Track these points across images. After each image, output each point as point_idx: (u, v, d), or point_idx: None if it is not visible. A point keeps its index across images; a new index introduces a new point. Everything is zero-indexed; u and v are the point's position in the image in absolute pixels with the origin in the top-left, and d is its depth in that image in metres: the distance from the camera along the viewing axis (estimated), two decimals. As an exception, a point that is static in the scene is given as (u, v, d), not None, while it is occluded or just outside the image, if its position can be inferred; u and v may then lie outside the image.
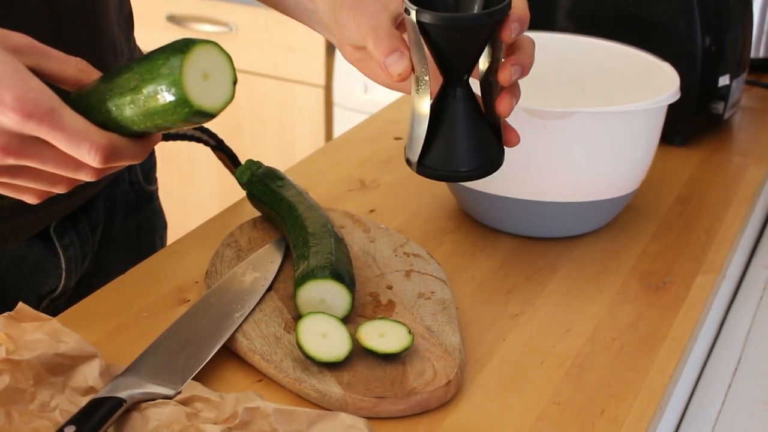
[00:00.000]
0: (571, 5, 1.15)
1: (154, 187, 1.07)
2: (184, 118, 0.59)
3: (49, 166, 0.61)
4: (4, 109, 0.58)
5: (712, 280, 0.86)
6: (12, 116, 0.58)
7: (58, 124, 0.59)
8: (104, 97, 0.61)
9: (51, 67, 0.62)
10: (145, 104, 0.59)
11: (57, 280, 0.91)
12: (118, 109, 0.60)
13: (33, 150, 0.60)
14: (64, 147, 0.60)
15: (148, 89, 0.58)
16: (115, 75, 0.61)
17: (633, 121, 0.88)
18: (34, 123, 0.58)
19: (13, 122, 0.58)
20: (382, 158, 1.07)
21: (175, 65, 0.57)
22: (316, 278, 0.74)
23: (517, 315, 0.80)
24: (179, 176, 2.41)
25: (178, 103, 0.58)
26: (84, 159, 0.60)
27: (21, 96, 0.58)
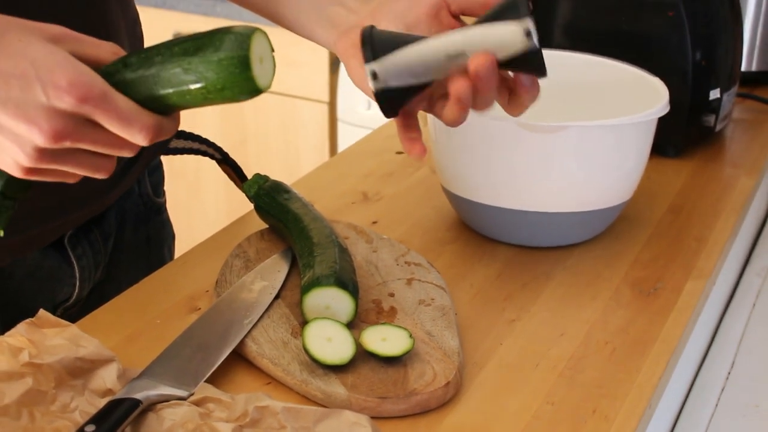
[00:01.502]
0: (567, 22, 1.18)
1: (162, 200, 1.11)
2: (240, 95, 0.65)
3: (99, 148, 0.65)
4: (61, 93, 0.61)
5: (701, 286, 0.89)
6: (68, 100, 0.61)
7: (110, 105, 0.63)
8: (156, 79, 0.65)
9: (87, 52, 0.65)
10: (205, 83, 0.64)
11: (71, 289, 0.95)
12: (173, 89, 0.65)
13: (86, 132, 0.63)
14: (115, 128, 0.64)
15: (212, 69, 0.63)
16: (163, 55, 0.65)
17: (624, 134, 0.91)
18: (90, 106, 0.62)
19: (69, 105, 0.62)
20: (384, 172, 1.11)
21: (243, 45, 0.63)
22: (322, 286, 0.77)
23: (514, 320, 0.84)
24: (186, 189, 2.44)
25: (242, 79, 0.63)
26: (134, 139, 0.64)
27: (75, 80, 0.61)
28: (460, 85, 0.73)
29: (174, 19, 2.34)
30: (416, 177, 1.09)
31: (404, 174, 1.10)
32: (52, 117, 0.62)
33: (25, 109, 0.62)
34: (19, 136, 0.63)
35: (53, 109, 0.62)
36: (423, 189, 1.07)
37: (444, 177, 0.97)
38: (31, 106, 0.62)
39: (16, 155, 0.64)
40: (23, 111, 0.62)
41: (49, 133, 0.62)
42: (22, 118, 0.62)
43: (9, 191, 0.69)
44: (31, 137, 0.63)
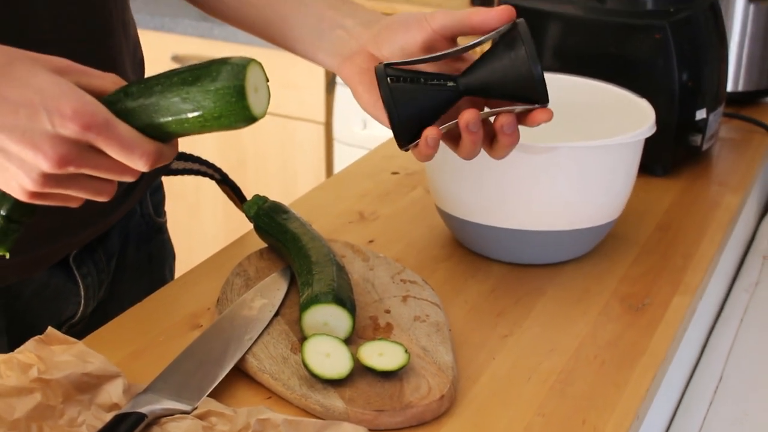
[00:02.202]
0: (557, 45, 1.21)
1: (163, 219, 1.13)
2: (236, 123, 0.68)
3: (102, 173, 0.68)
4: (65, 121, 0.64)
5: (687, 301, 0.92)
6: (72, 127, 0.64)
7: (113, 133, 0.66)
8: (155, 107, 0.68)
9: (90, 83, 0.69)
10: (203, 112, 0.67)
11: (76, 307, 0.97)
12: (172, 117, 0.68)
13: (89, 158, 0.67)
14: (117, 154, 0.67)
15: (209, 98, 0.67)
16: (162, 85, 0.69)
17: (612, 154, 0.94)
18: (93, 133, 0.65)
19: (74, 133, 0.65)
20: (380, 192, 1.13)
21: (239, 75, 0.67)
22: (320, 303, 0.80)
23: (506, 335, 0.86)
24: (185, 210, 2.47)
25: (239, 108, 0.67)
26: (135, 165, 0.68)
27: (79, 109, 0.65)
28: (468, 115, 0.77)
29: (172, 41, 2.37)
30: (411, 197, 1.12)
31: (399, 194, 1.13)
32: (57, 144, 0.65)
33: (32, 136, 0.65)
34: (25, 161, 0.66)
35: (58, 137, 0.65)
36: (418, 209, 1.09)
37: (438, 197, 1.00)
38: (37, 133, 0.65)
39: (22, 180, 0.67)
40: (29, 138, 0.65)
41: (54, 159, 0.65)
42: (29, 145, 0.65)
43: (15, 215, 0.72)
44: (37, 163, 0.65)
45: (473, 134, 0.77)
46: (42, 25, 0.81)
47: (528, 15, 1.21)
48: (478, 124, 0.77)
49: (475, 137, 0.78)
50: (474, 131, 0.77)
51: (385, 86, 0.77)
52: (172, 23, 2.35)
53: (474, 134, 0.77)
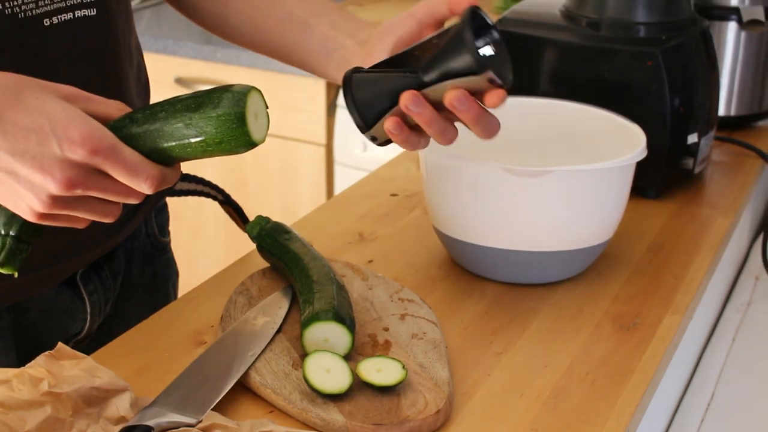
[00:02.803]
0: (552, 71, 1.24)
1: (167, 239, 1.16)
2: (237, 148, 0.72)
3: (108, 195, 0.71)
4: (74, 146, 0.68)
5: (678, 321, 0.95)
6: (80, 152, 0.68)
7: (119, 158, 0.69)
8: (160, 133, 0.71)
9: (97, 110, 0.72)
10: (205, 137, 0.71)
11: (82, 324, 1.00)
12: (176, 142, 0.71)
13: (96, 181, 0.70)
14: (123, 178, 0.70)
15: (211, 124, 0.70)
16: (166, 111, 0.72)
17: (605, 177, 0.97)
18: (100, 157, 0.68)
19: (81, 157, 0.68)
20: (380, 213, 1.16)
21: (240, 102, 0.70)
22: (321, 320, 0.83)
23: (501, 353, 0.89)
24: (187, 230, 2.49)
25: (239, 133, 0.70)
26: (140, 188, 0.71)
27: (87, 134, 0.68)
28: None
29: (175, 64, 2.41)
30: (409, 218, 1.15)
31: (398, 215, 1.16)
32: (66, 168, 0.68)
33: (41, 160, 0.68)
34: (34, 185, 0.69)
35: (67, 161, 0.68)
36: (416, 229, 1.12)
37: (435, 218, 1.03)
38: (47, 157, 0.68)
39: (32, 202, 0.70)
40: (39, 162, 0.68)
41: (62, 182, 0.68)
42: (38, 169, 0.68)
43: (24, 236, 0.75)
44: (46, 186, 0.69)
45: (418, 114, 0.79)
46: (51, 54, 0.84)
47: (524, 42, 1.26)
48: (416, 102, 0.79)
49: (420, 117, 0.80)
50: (416, 111, 0.79)
51: (345, 78, 0.83)
52: (176, 46, 2.38)
53: (419, 114, 0.79)
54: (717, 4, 1.41)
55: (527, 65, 1.26)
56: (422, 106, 0.80)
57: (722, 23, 1.41)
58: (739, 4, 1.41)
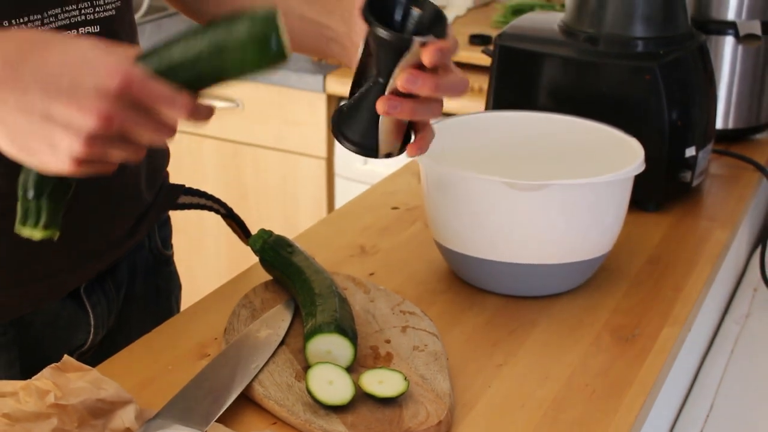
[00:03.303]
0: (551, 86, 1.26)
1: (170, 252, 1.17)
2: (274, 61, 0.71)
3: (143, 131, 0.69)
4: (107, 77, 0.67)
5: (676, 333, 0.96)
6: (116, 82, 0.67)
7: (153, 85, 0.68)
8: (191, 52, 0.71)
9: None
10: (243, 55, 0.71)
11: (86, 336, 1.01)
12: (208, 52, 0.71)
13: (131, 115, 0.68)
14: (159, 104, 0.69)
15: (245, 26, 0.70)
16: (195, 32, 0.72)
17: (603, 190, 0.98)
18: (135, 87, 0.67)
19: (116, 87, 0.67)
20: (381, 226, 1.17)
21: (275, 20, 0.70)
22: (323, 333, 0.83)
23: (501, 365, 0.90)
24: (189, 243, 2.50)
25: (279, 48, 0.70)
26: (174, 114, 0.69)
27: (120, 66, 0.67)
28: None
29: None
30: (411, 231, 1.16)
31: (399, 228, 1.17)
32: (102, 100, 0.67)
33: (77, 96, 0.67)
34: (71, 123, 0.67)
35: (102, 93, 0.67)
36: (417, 242, 1.13)
37: (436, 231, 1.04)
38: (82, 92, 0.67)
39: (70, 144, 0.68)
40: (75, 98, 0.67)
41: (100, 114, 0.67)
42: (75, 105, 0.67)
43: (57, 195, 0.74)
44: (84, 122, 0.67)
45: (399, 112, 0.81)
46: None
47: (523, 57, 1.27)
48: (391, 105, 0.80)
49: (402, 112, 0.81)
50: (395, 111, 0.80)
51: (333, 130, 0.85)
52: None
53: (400, 112, 0.81)
54: (714, 19, 1.43)
55: (526, 79, 1.27)
56: (396, 105, 0.80)
57: (719, 37, 1.43)
58: (736, 19, 1.42)
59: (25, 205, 0.74)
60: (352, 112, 0.84)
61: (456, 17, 2.42)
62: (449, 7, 2.47)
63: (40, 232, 0.75)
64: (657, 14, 1.23)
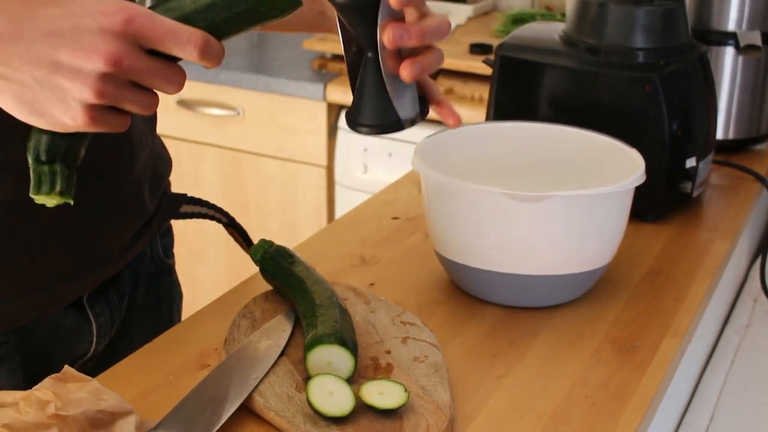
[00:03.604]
0: (551, 96, 1.26)
1: (172, 261, 1.17)
2: (292, 8, 0.71)
3: (153, 75, 0.67)
4: (109, 16, 0.65)
5: (677, 344, 0.96)
6: (117, 19, 0.65)
7: (157, 21, 0.67)
8: (206, 5, 0.70)
9: None
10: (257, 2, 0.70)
11: (88, 345, 1.01)
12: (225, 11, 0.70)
13: (140, 57, 0.67)
14: (165, 39, 0.67)
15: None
16: None
17: (604, 202, 0.98)
18: (138, 23, 0.66)
19: (119, 24, 0.65)
20: (381, 237, 1.17)
21: None
22: (324, 344, 0.84)
23: (502, 376, 0.90)
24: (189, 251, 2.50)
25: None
26: (185, 52, 0.67)
27: (122, 5, 0.66)
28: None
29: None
30: (411, 241, 1.16)
31: (400, 238, 1.17)
32: (107, 40, 0.65)
33: (81, 40, 0.65)
34: (79, 70, 0.66)
35: (106, 32, 0.65)
36: (417, 253, 1.13)
37: (437, 242, 1.04)
38: (86, 35, 0.65)
39: (80, 93, 0.66)
40: (79, 42, 0.65)
41: (107, 55, 0.65)
42: (80, 50, 0.65)
43: (69, 160, 0.72)
44: (91, 65, 0.65)
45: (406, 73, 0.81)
46: None
47: (524, 67, 1.27)
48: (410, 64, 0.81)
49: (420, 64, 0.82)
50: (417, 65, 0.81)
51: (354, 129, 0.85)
52: (178, 68, 2.40)
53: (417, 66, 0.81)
54: (714, 29, 1.43)
55: (527, 89, 1.28)
56: (415, 63, 0.81)
57: (720, 48, 1.43)
58: (736, 29, 1.42)
59: (38, 170, 0.72)
60: (360, 99, 0.84)
61: (456, 26, 2.42)
62: (449, 17, 2.47)
63: (56, 198, 0.72)
64: (657, 25, 1.23)
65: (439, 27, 0.82)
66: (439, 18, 0.82)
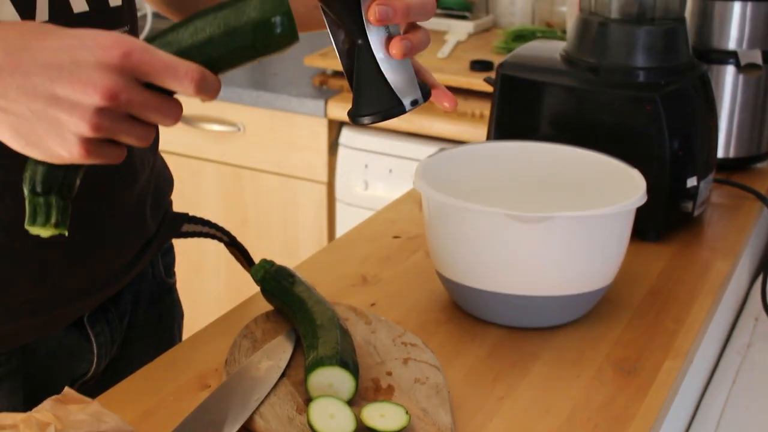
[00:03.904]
0: (552, 115, 1.26)
1: (173, 280, 1.17)
2: (289, 44, 0.71)
3: (150, 108, 0.68)
4: (106, 50, 0.65)
5: (678, 366, 0.95)
6: (114, 54, 0.65)
7: (155, 55, 0.67)
8: (201, 31, 0.70)
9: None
10: (254, 38, 0.70)
11: (89, 365, 1.01)
12: (217, 32, 0.70)
13: (137, 91, 0.67)
14: (162, 74, 0.67)
15: (258, 11, 0.70)
16: (200, 16, 0.71)
17: (605, 223, 0.98)
18: (136, 57, 0.66)
19: (116, 59, 0.65)
20: (382, 256, 1.17)
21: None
22: (325, 366, 0.83)
23: (503, 398, 0.90)
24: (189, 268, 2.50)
25: (290, 28, 0.70)
26: (181, 86, 0.67)
27: (118, 39, 0.66)
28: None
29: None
30: (412, 261, 1.16)
31: (400, 258, 1.17)
32: (104, 74, 0.65)
33: (78, 73, 0.65)
34: (76, 103, 0.66)
35: (103, 66, 0.65)
36: (418, 272, 1.13)
37: (438, 262, 1.04)
38: (83, 68, 0.65)
39: (77, 126, 0.66)
40: (77, 76, 0.65)
41: (103, 89, 0.65)
42: (77, 83, 0.65)
43: (65, 191, 0.72)
44: (88, 99, 0.66)
45: (396, 53, 0.80)
46: None
47: (525, 86, 1.27)
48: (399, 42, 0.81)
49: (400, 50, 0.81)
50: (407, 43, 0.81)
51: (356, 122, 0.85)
52: (179, 84, 2.40)
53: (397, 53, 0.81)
54: (715, 48, 1.43)
55: (528, 108, 1.28)
56: (405, 41, 0.80)
57: (720, 67, 1.43)
58: (737, 48, 1.42)
59: (33, 202, 0.72)
60: (359, 90, 0.83)
61: (457, 42, 2.43)
62: (450, 33, 2.48)
63: (51, 229, 0.72)
64: (658, 44, 1.23)
65: (424, 5, 0.81)
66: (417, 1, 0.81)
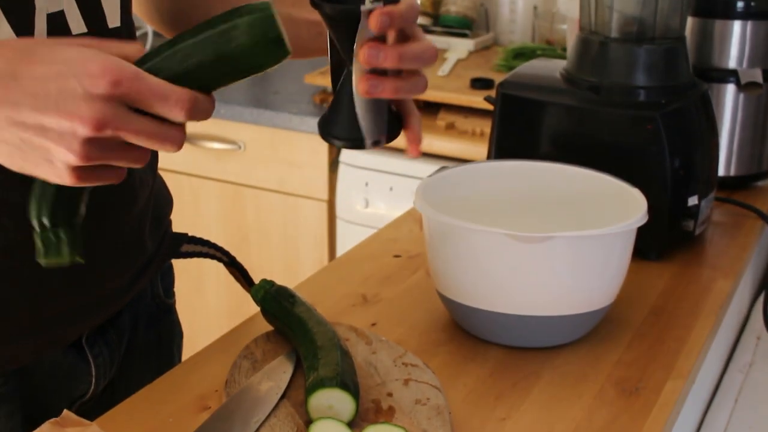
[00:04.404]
0: (553, 134, 1.26)
1: (172, 300, 1.17)
2: (277, 59, 0.71)
3: (140, 134, 0.67)
4: (94, 80, 0.65)
5: (680, 386, 0.95)
6: (102, 84, 0.65)
7: (144, 83, 0.66)
8: (187, 51, 0.69)
9: (114, 53, 0.68)
10: (245, 60, 0.70)
11: (87, 386, 1.00)
12: (208, 56, 0.69)
13: (126, 118, 0.66)
14: (152, 102, 0.66)
15: (248, 35, 0.69)
16: (191, 33, 0.70)
17: (606, 243, 0.98)
18: (125, 86, 0.65)
19: (105, 89, 0.65)
20: (382, 275, 1.17)
21: (272, 14, 0.69)
22: (325, 387, 0.83)
23: (504, 419, 0.89)
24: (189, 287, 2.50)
25: (281, 46, 0.70)
26: (172, 113, 0.67)
27: (107, 66, 0.65)
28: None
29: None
30: (413, 280, 1.16)
31: (401, 277, 1.17)
32: (92, 105, 0.65)
33: (65, 104, 0.65)
34: (63, 134, 0.65)
35: (91, 97, 0.65)
36: (419, 292, 1.13)
37: (438, 282, 1.03)
38: (70, 99, 0.65)
39: (65, 156, 0.66)
40: (64, 107, 0.65)
41: (91, 120, 0.65)
42: (64, 114, 0.65)
43: (59, 218, 0.72)
44: (76, 130, 0.65)
45: (380, 92, 0.79)
46: None
47: (525, 105, 1.27)
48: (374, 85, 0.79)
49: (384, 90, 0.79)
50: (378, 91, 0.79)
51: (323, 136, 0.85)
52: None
53: (381, 92, 0.79)
54: (715, 67, 1.43)
55: (528, 127, 1.28)
56: (376, 84, 0.78)
57: (720, 85, 1.43)
58: (737, 67, 1.43)
59: (42, 236, 0.72)
60: (334, 109, 0.83)
61: (458, 60, 2.43)
62: (450, 51, 2.48)
63: (67, 259, 0.73)
64: (659, 63, 1.24)
65: (423, 53, 0.79)
66: (424, 44, 0.79)
